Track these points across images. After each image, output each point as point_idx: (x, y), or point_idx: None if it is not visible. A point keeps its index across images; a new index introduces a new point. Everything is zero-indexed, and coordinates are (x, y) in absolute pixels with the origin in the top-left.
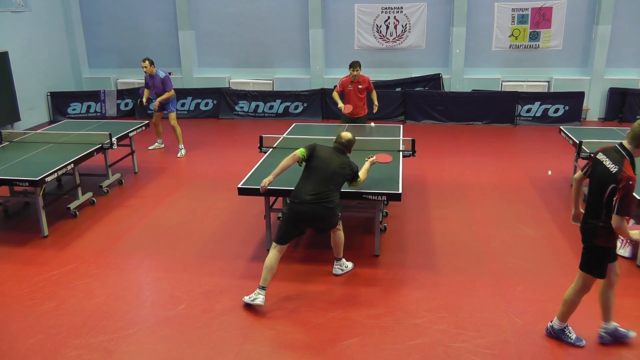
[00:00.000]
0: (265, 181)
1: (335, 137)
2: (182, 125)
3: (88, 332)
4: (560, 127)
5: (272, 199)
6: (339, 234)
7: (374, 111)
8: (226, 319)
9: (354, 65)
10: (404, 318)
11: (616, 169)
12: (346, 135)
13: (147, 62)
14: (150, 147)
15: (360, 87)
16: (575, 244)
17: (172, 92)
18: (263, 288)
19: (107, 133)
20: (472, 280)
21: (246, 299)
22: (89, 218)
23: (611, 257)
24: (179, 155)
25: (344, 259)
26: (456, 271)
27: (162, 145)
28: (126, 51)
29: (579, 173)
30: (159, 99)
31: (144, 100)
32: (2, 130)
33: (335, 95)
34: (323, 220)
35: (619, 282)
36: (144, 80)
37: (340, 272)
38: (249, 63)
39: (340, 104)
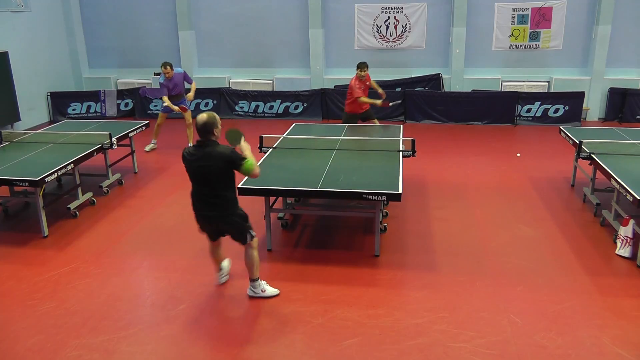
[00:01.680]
0: None
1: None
2: (182, 125)
3: (88, 332)
4: (561, 127)
5: (272, 199)
6: (251, 253)
7: (383, 98)
8: (226, 319)
9: (362, 66)
10: (404, 318)
11: None
12: (200, 118)
13: (168, 67)
14: (146, 149)
15: (367, 84)
16: (575, 244)
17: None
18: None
19: (107, 133)
20: (472, 280)
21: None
22: (89, 218)
23: None
24: None
25: (261, 281)
26: (456, 271)
27: (156, 146)
28: (126, 51)
29: None
30: (193, 91)
31: (174, 107)
32: (2, 130)
33: (364, 98)
34: (226, 225)
35: (618, 282)
36: (160, 86)
37: (252, 294)
38: (249, 63)
39: (375, 101)
